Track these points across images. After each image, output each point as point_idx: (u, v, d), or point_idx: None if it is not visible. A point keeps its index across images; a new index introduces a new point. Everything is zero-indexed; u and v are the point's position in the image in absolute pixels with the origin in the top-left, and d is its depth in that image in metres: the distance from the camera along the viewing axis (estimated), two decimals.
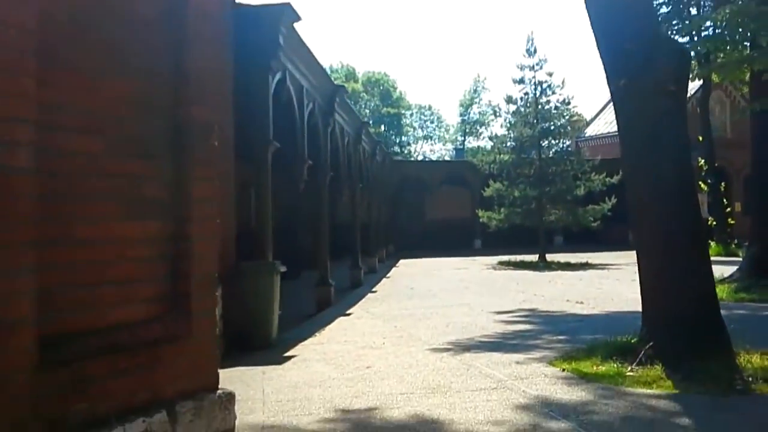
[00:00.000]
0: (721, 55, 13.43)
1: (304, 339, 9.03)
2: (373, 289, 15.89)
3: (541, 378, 6.02)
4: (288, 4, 9.11)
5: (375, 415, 5.02)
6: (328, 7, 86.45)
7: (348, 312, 11.92)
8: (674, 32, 18.53)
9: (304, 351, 8.12)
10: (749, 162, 16.05)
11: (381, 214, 25.78)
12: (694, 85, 31.89)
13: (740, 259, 14.79)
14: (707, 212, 29.43)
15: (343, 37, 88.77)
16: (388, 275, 19.83)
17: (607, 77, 6.94)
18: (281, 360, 7.56)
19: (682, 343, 6.14)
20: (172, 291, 3.52)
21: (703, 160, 27.94)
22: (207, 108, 3.77)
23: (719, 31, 13.20)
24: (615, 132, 34.65)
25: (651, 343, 6.24)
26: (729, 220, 26.53)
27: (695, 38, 19.98)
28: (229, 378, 6.12)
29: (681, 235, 6.52)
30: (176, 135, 3.58)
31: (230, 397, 3.73)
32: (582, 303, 11.90)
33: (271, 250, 9.32)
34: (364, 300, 13.86)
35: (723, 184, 27.73)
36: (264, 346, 8.40)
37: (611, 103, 31.93)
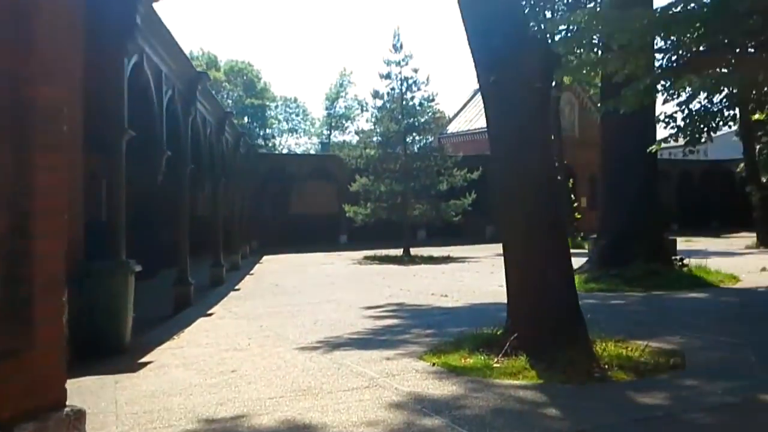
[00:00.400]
0: (573, 58, 14.27)
1: (162, 342, 8.52)
2: (236, 287, 15.41)
3: (412, 374, 6.04)
4: None
5: (242, 423, 4.78)
6: None
7: (209, 312, 11.44)
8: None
9: (162, 356, 7.65)
10: (597, 161, 17.25)
11: (244, 209, 25.10)
12: None
13: (586, 251, 15.84)
14: None
15: (204, 23, 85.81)
16: (251, 272, 19.34)
17: (477, 73, 7.09)
18: (136, 366, 7.07)
19: (545, 334, 6.41)
20: (10, 297, 3.11)
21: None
22: (54, 88, 3.36)
23: (572, 34, 13.97)
24: (475, 129, 36.38)
25: (516, 335, 6.46)
26: (576, 214, 28.45)
27: (550, 41, 21.12)
28: (78, 389, 5.63)
29: (544, 229, 6.80)
30: (16, 116, 3.15)
31: (80, 414, 3.36)
32: (446, 296, 12.20)
33: (124, 248, 8.69)
34: (226, 299, 13.39)
35: (571, 180, 29.71)
36: (117, 352, 7.82)
37: (471, 102, 33.21)
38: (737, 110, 14.16)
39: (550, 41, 18.23)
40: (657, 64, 12.10)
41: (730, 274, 13.59)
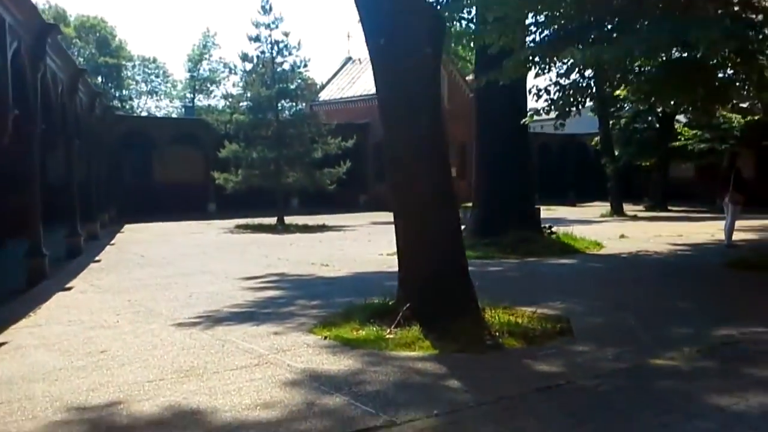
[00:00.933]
0: (451, 28, 14.32)
1: (17, 320, 7.63)
2: (97, 258, 14.29)
3: (304, 348, 5.75)
4: None
5: (120, 411, 4.29)
6: None
7: (68, 286, 10.47)
8: None
9: (18, 336, 6.83)
10: (465, 132, 17.59)
11: (101, 175, 23.35)
12: None
13: None
14: None
15: None
16: (112, 242, 18.07)
17: (366, 37, 6.80)
18: None
19: (436, 303, 6.34)
20: None
21: None
22: None
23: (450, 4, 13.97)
24: (348, 98, 36.08)
25: (408, 305, 6.34)
26: None
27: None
28: None
29: (433, 195, 6.68)
30: None
31: None
32: (327, 265, 11.96)
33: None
34: (86, 271, 12.35)
35: None
36: None
37: (343, 70, 32.95)
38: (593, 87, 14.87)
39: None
40: (530, 38, 12.41)
41: (594, 241, 14.37)
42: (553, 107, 11.65)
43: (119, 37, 61.37)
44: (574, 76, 11.73)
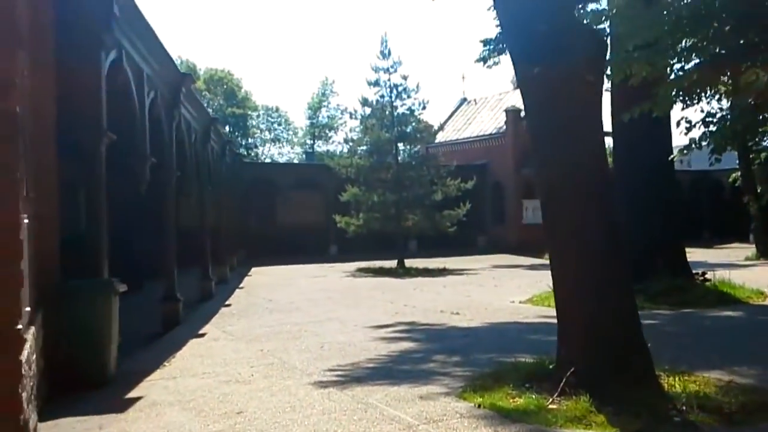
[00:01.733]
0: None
1: (152, 371, 7.40)
2: (227, 303, 14.28)
3: (458, 419, 4.99)
4: None
5: None
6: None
7: (201, 332, 10.32)
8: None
9: (153, 390, 6.53)
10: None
11: (231, 219, 23.92)
12: None
13: None
14: None
15: (182, 31, 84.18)
16: (241, 285, 18.18)
17: (515, 64, 6.12)
18: (123, 404, 5.95)
19: (606, 367, 5.41)
20: None
21: None
22: None
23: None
24: (464, 139, 35.44)
25: (572, 369, 5.45)
26: None
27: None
28: None
29: (598, 235, 5.78)
30: None
31: None
32: (458, 314, 11.17)
33: (106, 265, 7.57)
34: (218, 316, 12.26)
35: None
36: (100, 384, 6.70)
37: (459, 110, 32.05)
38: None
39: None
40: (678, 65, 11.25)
41: (755, 289, 12.68)
42: (710, 141, 10.36)
43: (245, 88, 64.35)
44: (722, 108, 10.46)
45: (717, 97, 10.56)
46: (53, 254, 6.92)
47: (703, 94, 10.83)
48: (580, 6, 10.54)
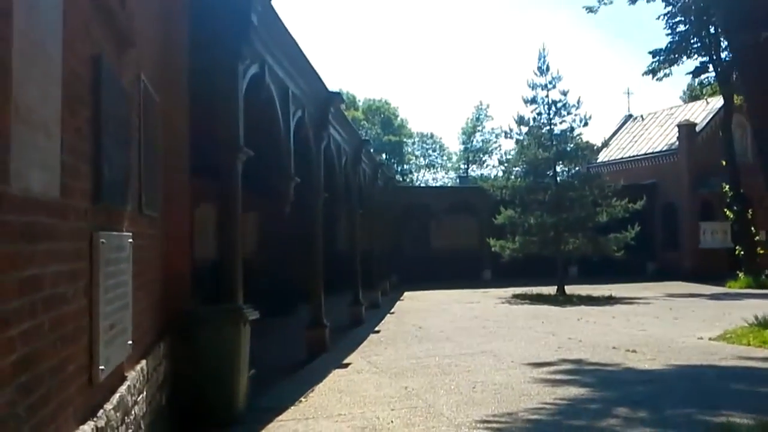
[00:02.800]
0: None
1: (285, 408, 6.62)
2: (376, 329, 13.48)
3: None
4: None
5: None
6: (326, 34, 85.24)
7: (345, 362, 9.51)
8: None
9: None
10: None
11: (383, 243, 23.42)
12: (715, 106, 29.75)
13: None
14: (732, 241, 27.17)
15: (342, 64, 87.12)
16: (392, 311, 17.38)
17: (730, 36, 4.67)
18: None
19: None
20: None
21: (727, 186, 25.74)
22: None
23: None
24: (630, 157, 32.62)
25: None
26: (758, 249, 24.02)
27: None
28: None
29: None
30: None
31: None
32: (635, 352, 9.44)
33: (241, 290, 6.93)
34: (365, 343, 11.46)
35: (750, 211, 25.39)
36: (226, 422, 6.00)
37: (623, 128, 29.35)
38: None
39: None
40: None
41: None
42: None
43: (401, 116, 64.99)
44: None
45: None
46: (183, 278, 6.38)
47: None
48: None
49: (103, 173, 3.40)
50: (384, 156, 58.46)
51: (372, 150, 20.11)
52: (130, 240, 4.21)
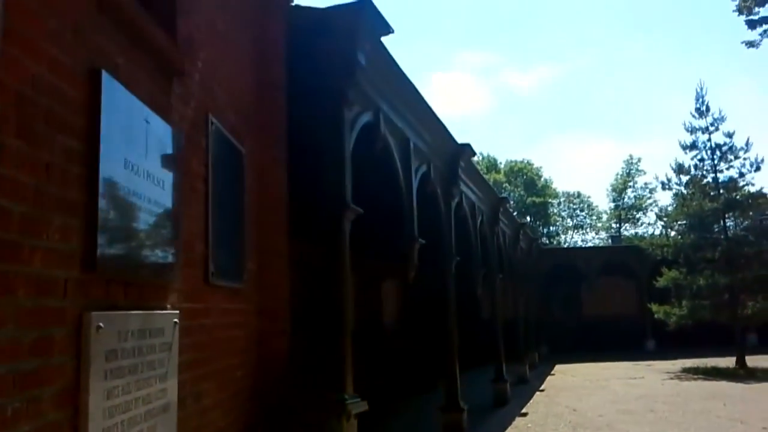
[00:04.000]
0: None
1: None
2: (523, 411, 11.77)
3: None
4: (376, 14, 5.98)
5: None
6: (464, 98, 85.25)
7: None
8: None
9: None
10: None
11: (529, 310, 21.52)
12: None
13: None
14: None
15: (483, 127, 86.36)
16: (541, 387, 15.45)
17: None
18: None
19: None
20: None
21: None
22: None
23: None
24: None
25: None
26: None
27: None
28: None
29: None
30: None
31: None
32: None
33: (350, 372, 5.78)
34: (510, 430, 9.84)
35: None
36: None
37: None
38: None
39: None
40: None
41: None
42: None
43: (545, 176, 62.63)
44: None
45: None
46: (280, 361, 5.36)
47: None
48: None
49: (100, 225, 2.44)
50: (528, 218, 56.21)
51: (513, 210, 18.65)
52: (176, 320, 3.22)
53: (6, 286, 1.95)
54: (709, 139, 19.95)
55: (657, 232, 26.65)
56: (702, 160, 20.07)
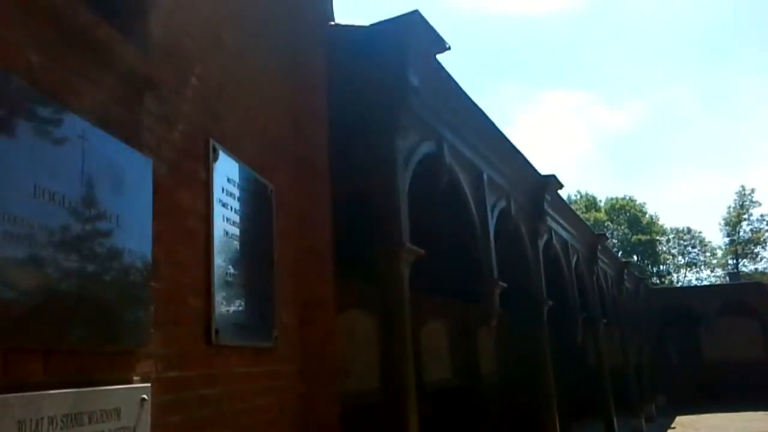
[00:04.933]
0: None
1: None
2: None
3: None
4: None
5: None
6: (553, 137, 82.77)
7: None
8: None
9: None
10: None
11: (642, 357, 19.52)
12: None
13: None
14: None
15: (580, 168, 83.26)
16: None
17: None
18: None
19: None
20: None
21: None
22: None
23: None
24: None
25: None
26: None
27: None
28: None
29: None
30: None
31: None
32: None
33: None
34: None
35: None
36: None
37: None
38: None
39: None
40: None
41: None
42: None
43: (649, 212, 59.04)
44: None
45: None
46: (331, 429, 4.49)
47: None
48: None
49: None
50: (635, 258, 52.88)
51: (617, 250, 17.04)
52: (145, 396, 2.46)
53: None
54: None
55: None
56: None
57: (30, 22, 2.10)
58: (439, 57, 5.67)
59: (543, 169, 9.31)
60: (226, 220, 3.44)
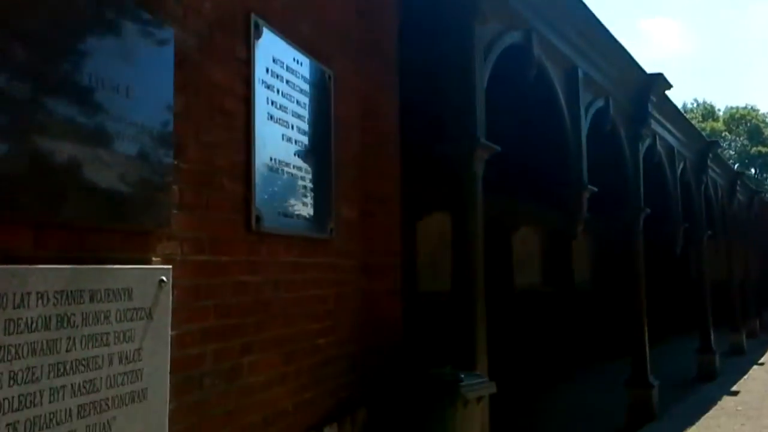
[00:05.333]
0: None
1: None
2: (733, 389, 9.60)
3: None
4: None
5: None
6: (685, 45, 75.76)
7: None
8: None
9: None
10: None
11: (750, 272, 18.06)
12: None
13: None
14: None
15: (697, 73, 76.09)
16: (761, 361, 12.74)
17: None
18: None
19: None
20: None
21: None
22: None
23: None
24: None
25: None
26: None
27: None
28: None
29: None
30: None
31: None
32: None
33: (483, 340, 4.53)
34: (712, 413, 7.95)
35: None
36: None
37: None
38: None
39: None
40: None
41: None
42: None
43: None
44: None
45: None
46: (389, 326, 4.29)
47: None
48: None
49: None
50: (753, 171, 48.68)
51: (733, 162, 15.46)
52: (164, 278, 2.28)
53: None
54: None
55: None
56: None
57: None
58: None
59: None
60: (271, 104, 3.14)
